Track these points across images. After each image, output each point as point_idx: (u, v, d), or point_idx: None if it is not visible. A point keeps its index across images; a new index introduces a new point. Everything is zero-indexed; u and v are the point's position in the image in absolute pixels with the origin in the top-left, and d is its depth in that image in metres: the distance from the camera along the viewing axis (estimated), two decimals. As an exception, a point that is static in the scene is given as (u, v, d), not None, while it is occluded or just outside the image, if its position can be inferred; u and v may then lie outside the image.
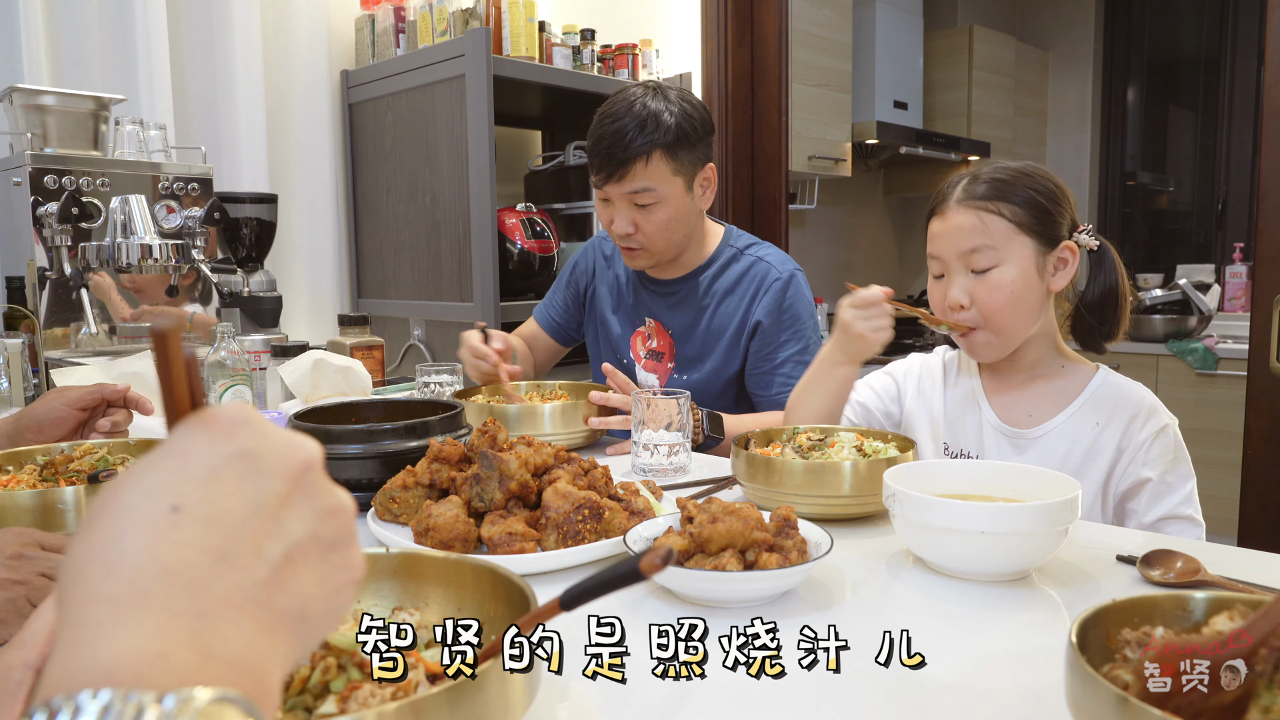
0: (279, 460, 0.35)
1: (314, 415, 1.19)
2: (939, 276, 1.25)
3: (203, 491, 0.32)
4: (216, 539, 0.32)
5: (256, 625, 0.31)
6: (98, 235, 1.89)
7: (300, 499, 0.35)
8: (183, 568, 0.30)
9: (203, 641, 0.29)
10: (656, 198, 1.60)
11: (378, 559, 0.65)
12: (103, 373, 1.53)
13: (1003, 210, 1.18)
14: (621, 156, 1.56)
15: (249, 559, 0.32)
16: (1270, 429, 2.20)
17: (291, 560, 0.34)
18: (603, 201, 1.65)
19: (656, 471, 1.27)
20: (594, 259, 1.91)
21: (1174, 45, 4.85)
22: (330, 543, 0.36)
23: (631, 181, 1.58)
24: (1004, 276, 1.18)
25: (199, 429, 0.34)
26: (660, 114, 1.56)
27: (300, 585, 0.34)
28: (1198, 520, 1.17)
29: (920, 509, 0.84)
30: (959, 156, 4.22)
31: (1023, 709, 0.62)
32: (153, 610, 0.29)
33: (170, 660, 0.28)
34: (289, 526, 0.34)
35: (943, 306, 1.24)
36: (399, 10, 2.60)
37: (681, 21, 3.21)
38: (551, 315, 1.95)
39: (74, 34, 2.18)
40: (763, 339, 1.69)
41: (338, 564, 0.36)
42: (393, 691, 0.49)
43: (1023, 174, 1.21)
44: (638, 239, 1.63)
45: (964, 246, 1.19)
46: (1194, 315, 3.75)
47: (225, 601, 0.31)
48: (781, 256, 1.74)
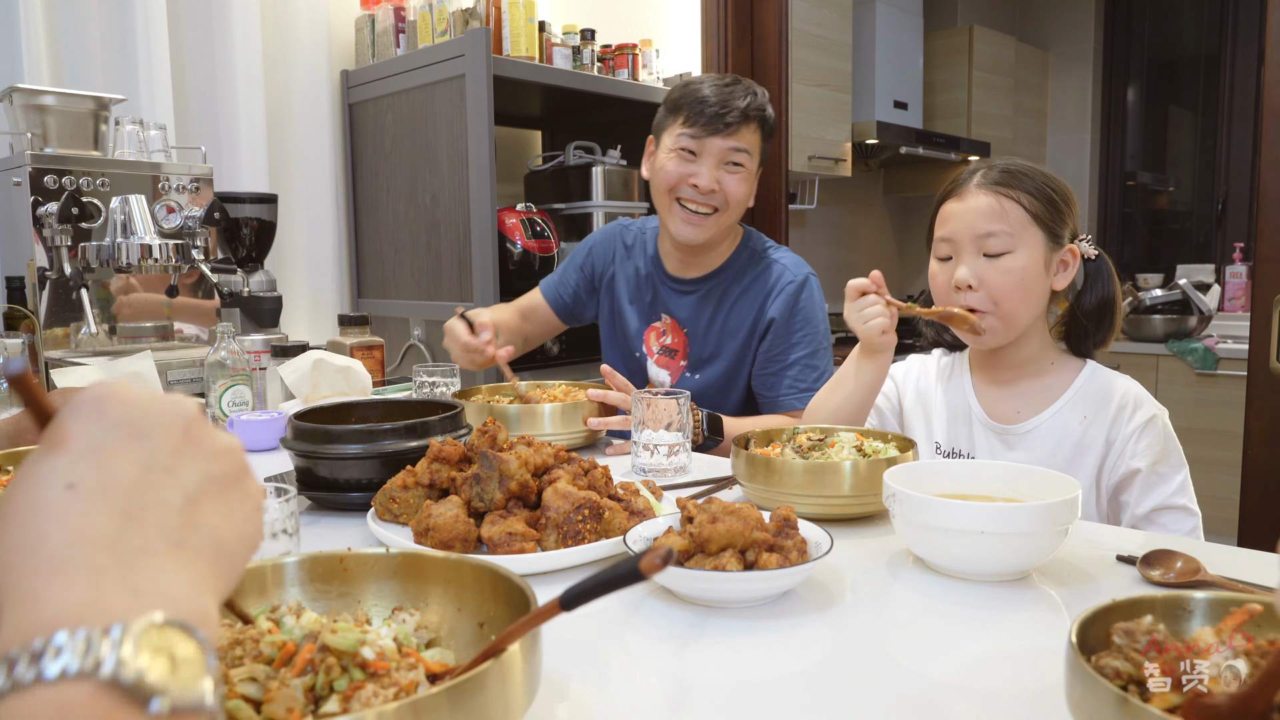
0: (158, 421, 0.39)
1: (314, 415, 1.19)
2: (946, 259, 1.25)
3: (91, 465, 0.36)
4: (117, 501, 0.35)
5: (177, 564, 0.35)
6: (98, 235, 1.89)
7: (187, 449, 0.39)
8: (93, 533, 0.34)
9: (130, 585, 0.33)
10: (747, 162, 1.65)
11: (378, 559, 0.65)
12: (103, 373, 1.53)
13: (1020, 199, 1.20)
14: (740, 111, 1.61)
15: (153, 511, 0.36)
16: (1270, 429, 2.20)
17: (194, 502, 0.38)
18: (684, 154, 1.65)
19: (656, 471, 1.28)
20: (615, 246, 1.90)
21: (1174, 45, 4.85)
22: (225, 479, 0.40)
23: (738, 139, 1.63)
24: (1016, 263, 1.19)
25: (70, 417, 0.37)
26: (764, 97, 1.68)
27: (209, 520, 0.38)
28: (1192, 510, 1.18)
29: (920, 509, 0.84)
30: (959, 156, 4.23)
31: (1023, 709, 0.62)
32: (79, 569, 0.32)
33: (106, 603, 0.31)
34: (183, 475, 0.38)
35: (947, 288, 1.24)
36: (399, 10, 2.60)
37: (681, 21, 3.21)
38: (561, 294, 1.93)
39: (74, 34, 2.18)
40: (774, 339, 1.69)
41: (240, 496, 0.41)
42: (394, 692, 0.49)
43: (1037, 170, 1.23)
44: (719, 198, 1.65)
45: (980, 229, 1.20)
46: (1194, 315, 3.76)
47: (142, 550, 0.34)
48: (797, 260, 1.75)
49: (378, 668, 0.50)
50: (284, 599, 0.62)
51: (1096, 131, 4.84)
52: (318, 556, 0.64)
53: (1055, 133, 4.92)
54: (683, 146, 1.64)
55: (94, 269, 1.89)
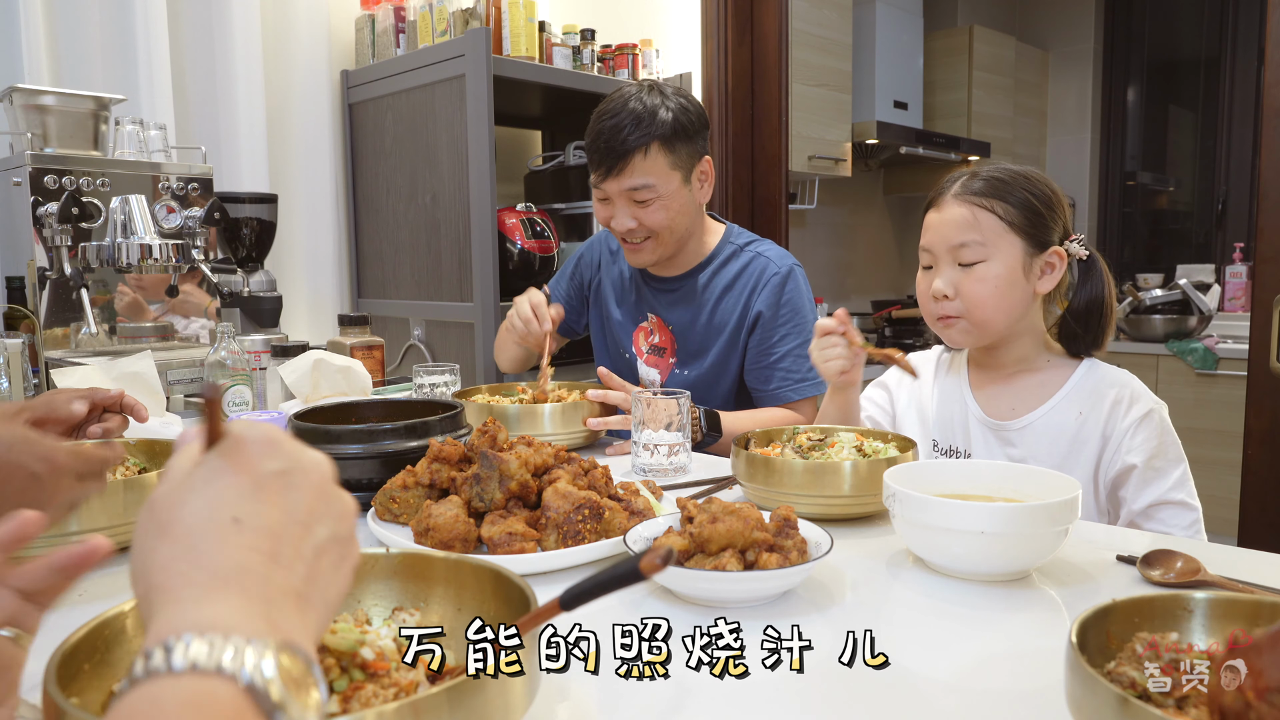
0: (305, 477, 0.44)
1: (314, 415, 1.19)
2: (928, 268, 1.28)
3: (253, 505, 0.41)
4: (269, 544, 0.40)
5: (298, 611, 0.39)
6: (98, 235, 1.89)
7: (322, 508, 0.44)
8: (250, 566, 0.38)
9: (270, 619, 0.37)
10: (655, 193, 1.60)
11: (378, 559, 0.65)
12: (103, 373, 1.53)
13: (995, 208, 1.21)
14: (620, 150, 1.56)
15: (291, 559, 0.41)
16: (1270, 429, 2.20)
17: (318, 558, 0.42)
18: (601, 201, 1.66)
19: (656, 471, 1.28)
20: (599, 253, 1.91)
21: (1174, 45, 4.85)
22: (343, 540, 0.44)
23: (630, 177, 1.58)
24: (989, 271, 1.21)
25: (238, 450, 0.42)
26: (656, 109, 1.58)
27: (324, 576, 0.42)
28: (1191, 505, 1.17)
29: (920, 509, 0.84)
30: (959, 156, 4.22)
31: (1023, 709, 0.62)
32: (233, 593, 0.37)
33: (251, 626, 0.35)
34: (316, 531, 0.43)
35: (926, 297, 1.27)
36: (399, 10, 2.60)
37: (681, 21, 3.20)
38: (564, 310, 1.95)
39: (74, 34, 2.18)
40: (762, 332, 1.69)
41: (348, 555, 0.45)
42: (394, 692, 0.49)
43: (1021, 175, 1.24)
44: (640, 232, 1.64)
45: (954, 240, 1.22)
46: (1194, 315, 3.75)
47: (281, 591, 0.39)
48: (780, 252, 1.75)
49: (377, 668, 0.50)
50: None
51: (1096, 131, 4.84)
52: (318, 556, 0.64)
53: (1055, 133, 4.92)
54: (596, 195, 1.65)
55: (94, 269, 1.89)
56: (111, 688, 0.51)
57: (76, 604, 0.82)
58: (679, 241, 1.69)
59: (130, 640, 0.55)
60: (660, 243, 1.66)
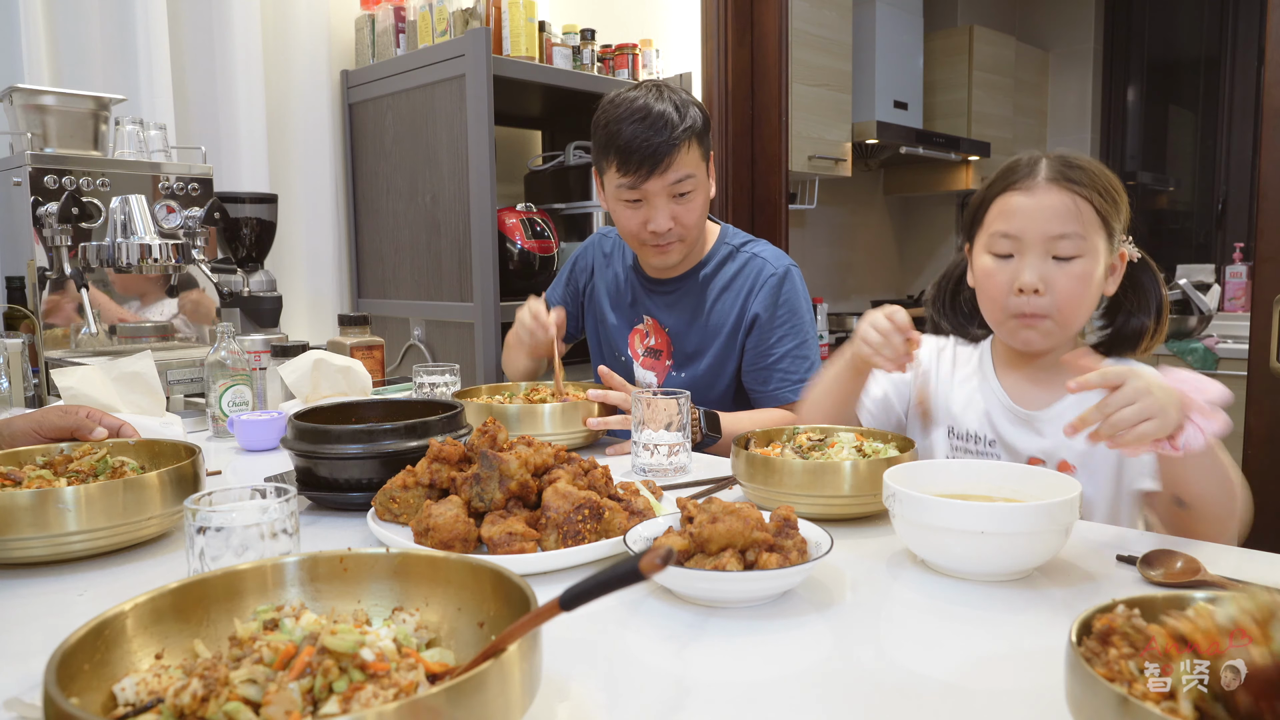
0: None
1: (314, 415, 1.19)
2: (1004, 256, 1.15)
3: None
4: None
5: None
6: (98, 235, 1.89)
7: None
8: None
9: None
10: (695, 184, 1.61)
11: (378, 559, 0.65)
12: (103, 372, 1.53)
13: (1092, 198, 1.11)
14: (664, 148, 1.56)
15: None
16: (1270, 429, 2.20)
17: None
18: (632, 204, 1.62)
19: (656, 471, 1.27)
20: (593, 256, 1.91)
21: (1174, 45, 4.85)
22: None
23: (676, 170, 1.58)
24: (1085, 268, 1.12)
25: None
26: (685, 105, 1.60)
27: None
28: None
29: (920, 509, 0.84)
30: (959, 157, 4.22)
31: (1023, 709, 0.62)
32: None
33: None
34: None
35: (1006, 289, 1.16)
36: (399, 10, 2.60)
37: (681, 21, 3.21)
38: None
39: (74, 34, 2.18)
40: (760, 334, 1.69)
41: None
42: (394, 692, 0.49)
43: (1095, 162, 1.15)
44: (677, 232, 1.63)
45: (1054, 230, 1.11)
46: (1194, 315, 3.75)
47: None
48: (777, 253, 1.74)
49: (377, 669, 0.50)
50: (284, 599, 0.62)
51: (1096, 131, 4.84)
52: (318, 557, 0.64)
53: (1055, 133, 4.92)
54: (626, 198, 1.62)
55: (94, 269, 1.89)
56: (111, 688, 0.51)
57: (76, 604, 0.82)
58: (697, 238, 1.70)
59: (130, 640, 0.55)
60: (688, 241, 1.66)
